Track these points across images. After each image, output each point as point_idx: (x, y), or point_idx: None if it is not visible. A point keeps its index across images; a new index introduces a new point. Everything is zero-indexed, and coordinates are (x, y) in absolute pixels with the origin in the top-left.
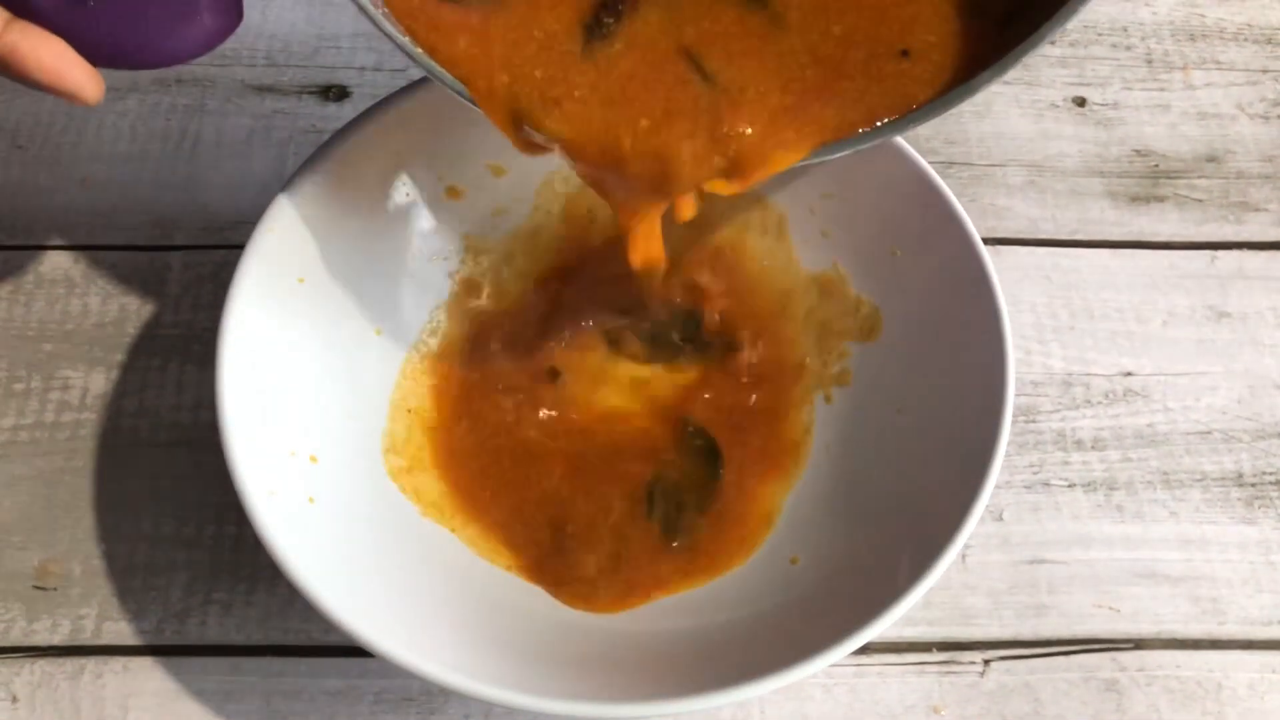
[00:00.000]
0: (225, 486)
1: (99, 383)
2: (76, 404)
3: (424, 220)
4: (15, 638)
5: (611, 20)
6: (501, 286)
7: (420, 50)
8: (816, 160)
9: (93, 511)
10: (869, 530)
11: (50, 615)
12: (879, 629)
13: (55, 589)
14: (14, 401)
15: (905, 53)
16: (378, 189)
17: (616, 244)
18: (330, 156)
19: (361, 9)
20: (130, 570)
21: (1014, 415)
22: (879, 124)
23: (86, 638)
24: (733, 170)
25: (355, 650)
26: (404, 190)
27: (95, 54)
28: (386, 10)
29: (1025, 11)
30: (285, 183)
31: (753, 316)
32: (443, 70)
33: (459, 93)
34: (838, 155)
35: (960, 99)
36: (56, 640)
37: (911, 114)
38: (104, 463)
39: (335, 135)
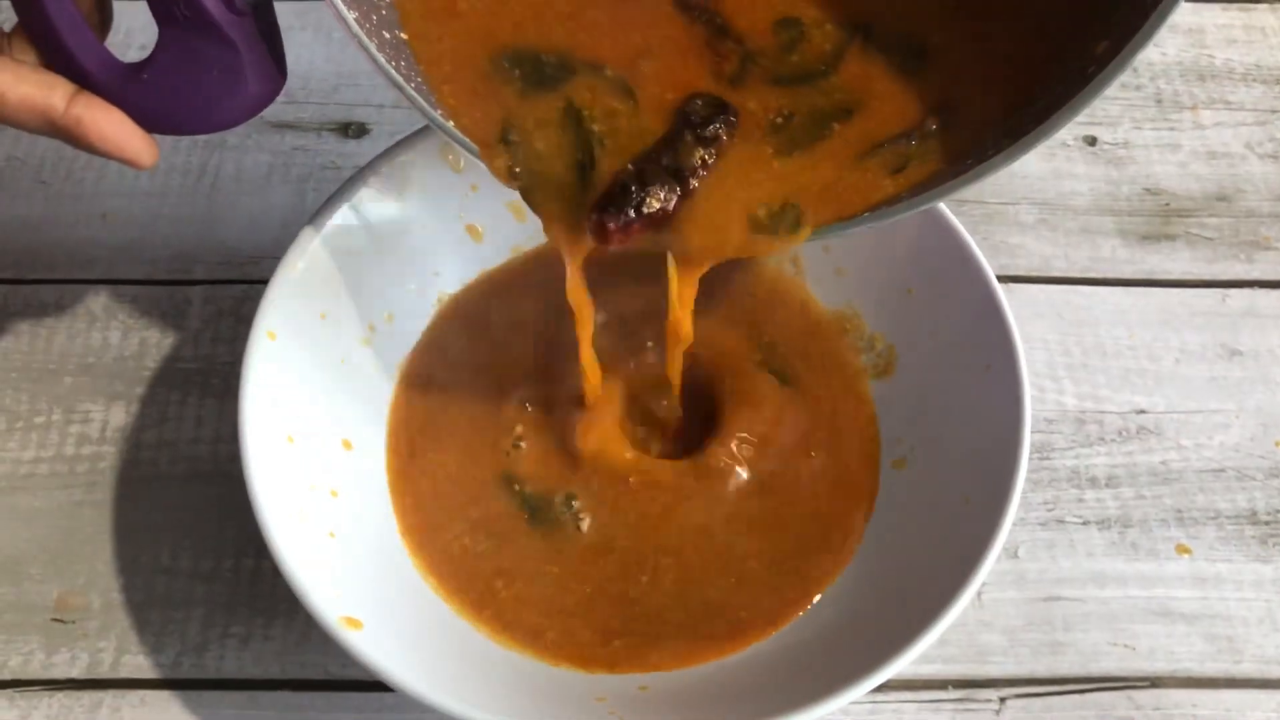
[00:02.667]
0: (244, 520)
1: (119, 416)
2: (96, 437)
3: (444, 258)
4: (34, 670)
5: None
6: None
7: (450, 124)
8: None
9: (112, 544)
10: (886, 568)
11: (69, 648)
12: (897, 667)
13: (74, 622)
14: (34, 434)
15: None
16: (398, 226)
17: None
18: (352, 194)
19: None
20: (149, 603)
21: (1029, 452)
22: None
23: (105, 671)
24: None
25: (373, 685)
26: (424, 228)
27: (151, 122)
28: (420, 83)
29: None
30: (308, 220)
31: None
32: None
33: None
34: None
35: (972, 181)
36: (75, 673)
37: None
38: (123, 496)
39: (357, 173)
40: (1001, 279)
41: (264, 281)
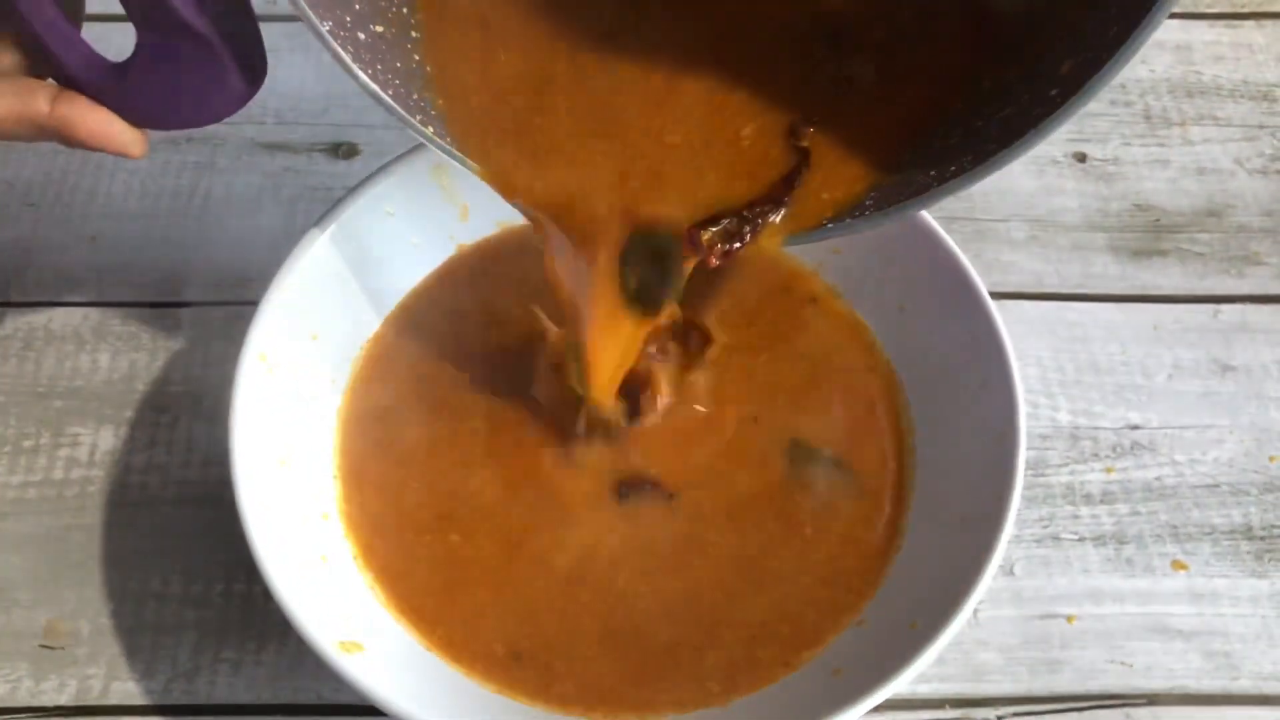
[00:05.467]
0: (234, 544)
1: (108, 439)
2: (85, 461)
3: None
4: (22, 698)
5: None
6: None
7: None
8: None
9: (101, 569)
10: (882, 586)
11: (57, 675)
12: (895, 687)
13: (63, 648)
14: (23, 459)
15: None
16: (389, 247)
17: None
18: (342, 215)
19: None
20: (138, 629)
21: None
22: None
23: (94, 698)
24: None
25: (366, 709)
26: (415, 248)
27: (134, 118)
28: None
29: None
30: (299, 241)
31: None
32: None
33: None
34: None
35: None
36: (64, 700)
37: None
38: (112, 520)
39: (348, 194)
40: (993, 295)
41: (254, 303)
